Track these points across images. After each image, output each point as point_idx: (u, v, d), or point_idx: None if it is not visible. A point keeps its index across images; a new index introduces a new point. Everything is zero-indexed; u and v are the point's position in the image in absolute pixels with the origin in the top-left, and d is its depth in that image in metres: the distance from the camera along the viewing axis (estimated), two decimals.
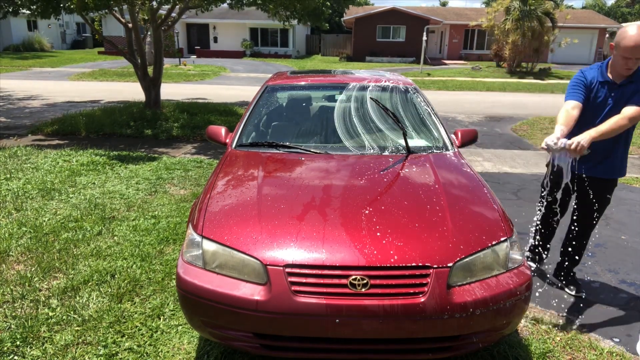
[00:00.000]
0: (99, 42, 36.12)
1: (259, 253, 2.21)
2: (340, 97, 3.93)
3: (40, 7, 8.55)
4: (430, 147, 3.40)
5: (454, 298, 2.13)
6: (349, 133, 3.45)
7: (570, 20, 27.75)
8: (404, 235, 2.28)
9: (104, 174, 5.92)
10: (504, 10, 23.69)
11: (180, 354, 2.66)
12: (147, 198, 5.13)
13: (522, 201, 5.45)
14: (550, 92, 17.85)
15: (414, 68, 26.94)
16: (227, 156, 3.27)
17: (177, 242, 4.04)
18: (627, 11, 53.75)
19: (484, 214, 2.54)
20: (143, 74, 9.93)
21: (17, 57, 27.63)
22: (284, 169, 3.01)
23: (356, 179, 2.82)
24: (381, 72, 4.65)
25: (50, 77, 19.04)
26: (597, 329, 3.05)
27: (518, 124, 10.69)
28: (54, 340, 2.72)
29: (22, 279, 3.36)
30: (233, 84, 18.48)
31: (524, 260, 2.42)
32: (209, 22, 33.85)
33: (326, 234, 2.27)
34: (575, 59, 32.88)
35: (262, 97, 3.94)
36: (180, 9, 10.00)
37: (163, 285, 3.34)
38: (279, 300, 2.10)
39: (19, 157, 6.57)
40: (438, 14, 34.41)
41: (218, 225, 2.39)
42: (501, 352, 2.71)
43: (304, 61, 30.94)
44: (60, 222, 4.34)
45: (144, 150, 7.43)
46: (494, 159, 7.42)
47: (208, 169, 6.31)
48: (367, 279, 2.11)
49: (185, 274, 2.29)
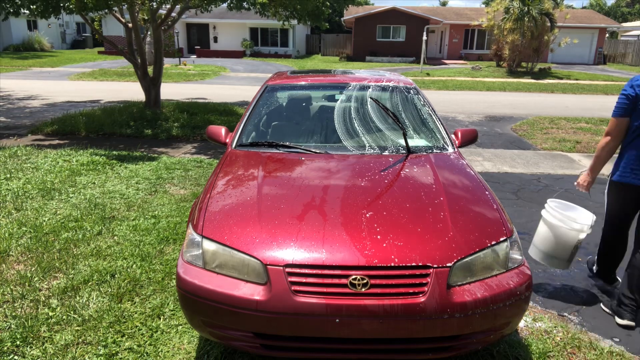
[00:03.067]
0: (99, 42, 36.12)
1: (259, 253, 2.21)
2: (340, 97, 3.94)
3: (39, 7, 8.55)
4: (430, 147, 3.40)
5: (454, 298, 2.13)
6: (349, 133, 3.46)
7: (570, 20, 27.75)
8: (404, 235, 2.29)
9: (104, 173, 5.92)
10: (504, 10, 23.68)
11: (180, 353, 2.66)
12: (147, 198, 5.13)
13: (522, 201, 5.45)
14: (550, 92, 17.85)
15: (414, 68, 26.94)
16: (227, 156, 3.27)
17: (177, 241, 4.04)
18: (627, 11, 53.73)
19: (484, 213, 2.54)
20: (143, 74, 9.93)
21: (17, 57, 27.62)
22: (284, 169, 3.01)
23: (356, 178, 2.82)
24: (381, 72, 4.65)
25: (50, 77, 19.04)
26: (597, 329, 3.05)
27: (518, 124, 10.69)
28: (54, 340, 2.72)
29: (22, 278, 3.36)
30: (233, 84, 18.48)
31: (523, 260, 2.42)
32: (209, 21, 33.84)
33: (326, 234, 2.27)
34: (575, 58, 32.88)
35: (262, 97, 3.94)
36: (180, 9, 10.00)
37: (163, 285, 3.34)
38: (279, 300, 2.10)
39: (19, 157, 6.57)
40: (438, 13, 34.39)
41: (218, 225, 2.39)
42: (501, 352, 2.71)
43: (304, 61, 30.93)
44: (60, 222, 4.34)
45: (144, 150, 7.43)
46: (494, 159, 7.42)
47: (208, 169, 6.31)
48: (367, 279, 2.11)
49: (186, 274, 2.29)
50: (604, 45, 33.80)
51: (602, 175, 6.65)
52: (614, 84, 21.13)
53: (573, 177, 6.48)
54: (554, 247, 3.25)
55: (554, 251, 3.26)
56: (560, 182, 6.22)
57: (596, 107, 13.83)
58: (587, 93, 17.94)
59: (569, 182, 6.22)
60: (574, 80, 22.29)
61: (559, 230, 3.20)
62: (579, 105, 14.31)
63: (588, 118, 11.44)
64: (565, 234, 3.18)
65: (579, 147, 8.39)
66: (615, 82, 22.07)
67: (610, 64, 33.89)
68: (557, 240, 3.22)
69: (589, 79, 23.04)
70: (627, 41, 34.92)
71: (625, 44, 34.77)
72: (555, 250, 3.25)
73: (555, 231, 3.21)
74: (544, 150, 8.16)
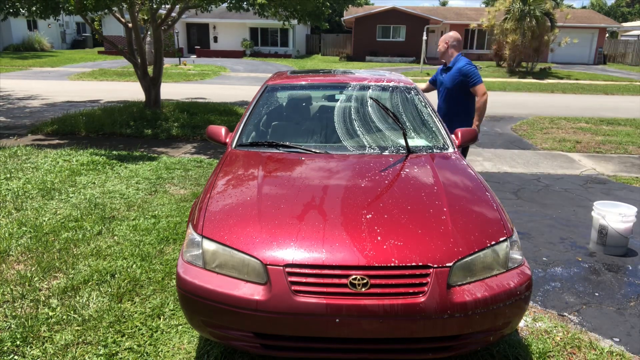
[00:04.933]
0: (99, 41, 36.12)
1: (259, 253, 2.21)
2: (340, 96, 3.93)
3: (39, 8, 8.56)
4: (430, 147, 3.40)
5: (454, 298, 2.13)
6: (349, 133, 3.45)
7: (570, 19, 27.76)
8: (404, 235, 2.28)
9: (104, 173, 5.92)
10: (504, 10, 23.68)
11: (180, 353, 2.66)
12: (147, 198, 5.13)
13: (522, 201, 5.45)
14: (550, 92, 17.86)
15: (414, 68, 26.94)
16: (227, 156, 3.27)
17: (177, 241, 4.04)
18: (627, 11, 53.73)
19: (484, 213, 2.54)
20: (143, 74, 9.93)
21: (17, 56, 27.63)
22: (284, 169, 3.01)
23: (356, 178, 2.82)
24: (381, 72, 4.65)
25: (50, 77, 19.04)
26: (597, 329, 3.05)
27: (518, 124, 10.70)
28: (54, 340, 2.72)
29: (22, 278, 3.36)
30: (233, 84, 18.49)
31: (523, 260, 2.42)
32: (209, 21, 33.85)
33: (326, 234, 2.27)
34: (575, 58, 32.89)
35: (262, 96, 3.94)
36: (180, 9, 10.00)
37: (163, 285, 3.34)
38: (279, 300, 2.10)
39: (19, 156, 6.57)
40: (438, 13, 34.39)
41: (218, 225, 2.39)
42: (501, 352, 2.71)
43: (304, 61, 30.93)
44: (60, 222, 4.34)
45: (144, 149, 7.43)
46: (494, 159, 7.42)
47: (208, 169, 6.31)
48: (367, 279, 2.11)
49: (186, 274, 2.29)
50: (604, 45, 33.81)
51: (603, 175, 6.65)
52: (614, 84, 21.14)
53: (573, 177, 6.48)
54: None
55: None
56: (560, 182, 6.22)
57: (596, 107, 13.83)
58: (587, 93, 17.95)
59: (569, 182, 6.23)
60: (574, 80, 22.29)
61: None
62: (579, 105, 14.31)
63: (588, 118, 11.44)
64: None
65: (579, 147, 8.39)
66: (616, 82, 22.08)
67: (610, 63, 33.90)
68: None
69: (589, 78, 23.05)
70: (627, 41, 34.94)
71: (625, 43, 34.78)
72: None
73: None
74: (544, 150, 8.16)
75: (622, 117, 11.80)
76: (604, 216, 4.05)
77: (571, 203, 5.40)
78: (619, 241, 4.05)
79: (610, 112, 12.91)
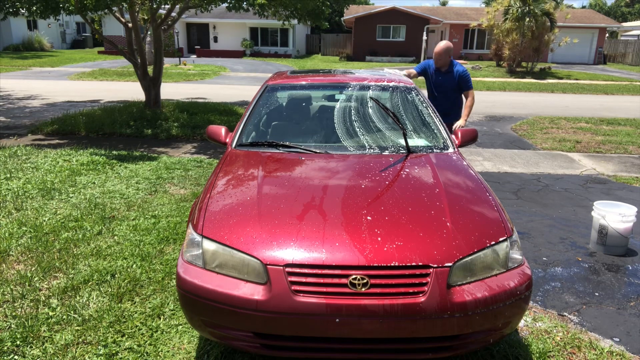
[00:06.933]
0: (99, 41, 36.09)
1: (259, 253, 2.21)
2: (340, 96, 3.93)
3: (39, 7, 8.55)
4: (430, 147, 3.40)
5: (454, 298, 2.13)
6: (349, 133, 3.45)
7: (570, 19, 27.78)
8: (404, 234, 2.28)
9: (104, 173, 5.92)
10: (504, 10, 23.68)
11: (180, 353, 2.66)
12: (147, 198, 5.13)
13: (522, 201, 5.45)
14: (550, 92, 17.86)
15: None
16: (227, 156, 3.27)
17: (177, 241, 4.04)
18: (627, 11, 53.72)
19: (484, 213, 2.54)
20: (143, 74, 9.92)
21: (17, 56, 27.62)
22: (284, 169, 3.01)
23: (356, 178, 2.82)
24: (381, 72, 4.65)
25: (50, 77, 19.04)
26: (597, 329, 3.05)
27: (518, 124, 10.70)
28: (54, 340, 2.72)
29: (22, 278, 3.36)
30: (233, 84, 18.48)
31: (523, 260, 2.42)
32: (209, 21, 33.84)
33: (326, 234, 2.27)
34: (575, 58, 32.89)
35: (262, 96, 3.94)
36: (180, 9, 10.00)
37: (163, 285, 3.34)
38: (279, 299, 2.10)
39: (19, 156, 6.56)
40: (438, 13, 34.38)
41: (218, 224, 2.39)
42: (501, 351, 2.71)
43: (304, 61, 30.93)
44: (61, 222, 4.34)
45: (143, 149, 7.43)
46: (494, 159, 7.42)
47: (208, 169, 6.31)
48: (367, 279, 2.11)
49: (186, 274, 2.29)
50: (604, 45, 33.80)
51: (603, 175, 6.65)
52: (614, 83, 21.13)
53: (573, 177, 6.48)
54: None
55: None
56: (560, 182, 6.22)
57: (596, 107, 13.83)
58: (587, 93, 17.95)
59: (569, 182, 6.23)
60: (574, 80, 22.29)
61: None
62: (579, 105, 14.32)
63: (588, 118, 11.45)
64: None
65: (579, 146, 8.39)
66: (616, 82, 22.07)
67: (610, 63, 33.90)
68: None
69: (589, 78, 23.05)
70: (627, 41, 34.94)
71: (625, 43, 34.78)
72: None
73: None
74: (544, 150, 8.16)
75: (622, 117, 11.80)
76: (604, 216, 4.05)
77: (571, 203, 5.40)
78: (619, 241, 4.05)
79: (610, 112, 12.91)
